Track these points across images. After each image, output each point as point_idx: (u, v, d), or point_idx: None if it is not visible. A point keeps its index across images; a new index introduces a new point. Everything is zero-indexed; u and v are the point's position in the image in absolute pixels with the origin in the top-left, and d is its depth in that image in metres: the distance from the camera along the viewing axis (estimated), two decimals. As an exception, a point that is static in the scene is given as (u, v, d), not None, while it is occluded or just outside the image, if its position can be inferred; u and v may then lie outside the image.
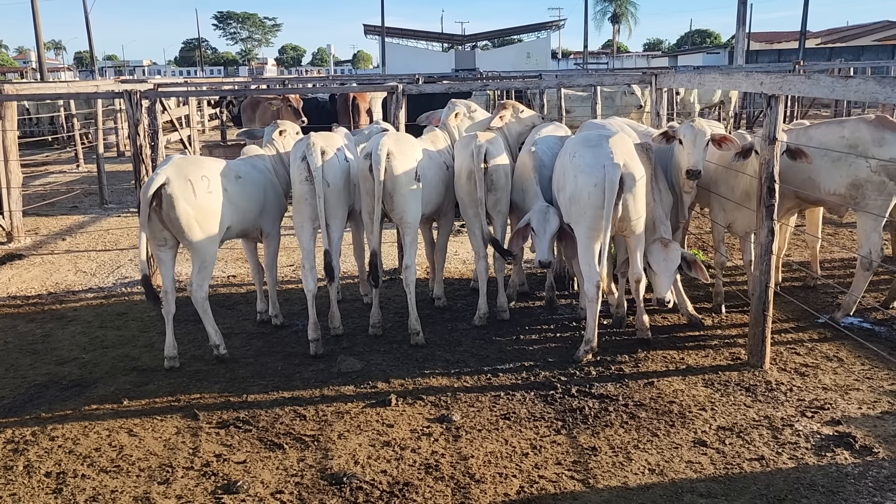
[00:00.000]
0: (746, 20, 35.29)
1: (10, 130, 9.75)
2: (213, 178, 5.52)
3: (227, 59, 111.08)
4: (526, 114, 6.91)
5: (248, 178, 5.90)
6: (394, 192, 5.64)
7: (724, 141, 5.79)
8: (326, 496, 3.90)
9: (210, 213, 5.43)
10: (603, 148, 5.30)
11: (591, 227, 5.31)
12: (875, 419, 4.57)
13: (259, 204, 5.96)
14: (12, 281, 7.98)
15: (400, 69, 42.79)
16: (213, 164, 5.72)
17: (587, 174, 5.26)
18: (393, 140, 5.71)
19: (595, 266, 5.35)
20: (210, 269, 5.59)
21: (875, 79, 4.39)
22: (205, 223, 5.41)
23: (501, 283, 6.42)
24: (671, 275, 5.52)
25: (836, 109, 15.69)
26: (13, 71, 59.66)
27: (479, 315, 6.29)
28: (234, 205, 5.66)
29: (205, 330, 5.68)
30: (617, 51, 78.41)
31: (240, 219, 5.78)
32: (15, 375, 5.50)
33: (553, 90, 14.38)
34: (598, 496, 3.86)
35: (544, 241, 5.64)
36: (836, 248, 8.52)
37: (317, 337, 5.76)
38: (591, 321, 5.48)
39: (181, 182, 5.28)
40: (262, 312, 6.55)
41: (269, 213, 6.09)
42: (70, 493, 3.97)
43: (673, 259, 5.49)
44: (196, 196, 5.33)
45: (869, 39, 50.75)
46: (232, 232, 5.83)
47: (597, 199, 5.21)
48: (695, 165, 5.69)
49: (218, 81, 25.57)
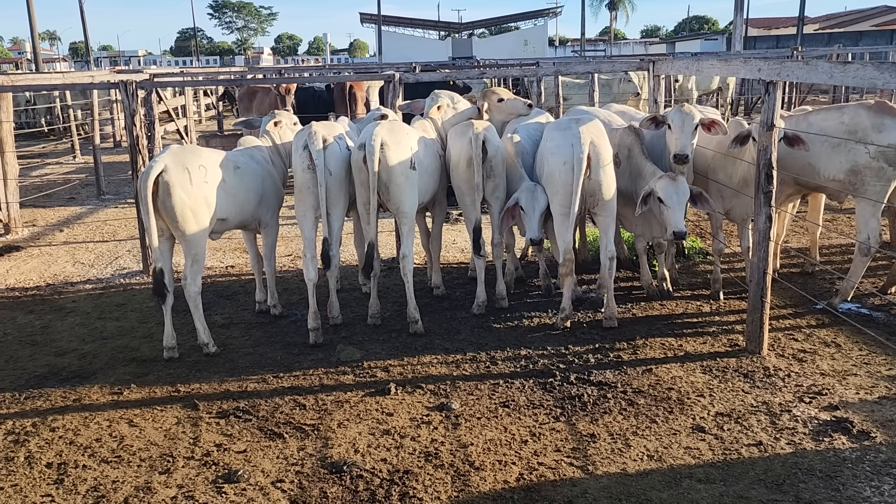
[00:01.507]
0: (744, 6, 35.19)
1: (6, 122, 9.71)
2: (211, 168, 5.50)
3: (223, 48, 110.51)
4: (509, 101, 6.92)
5: (247, 168, 5.88)
6: (389, 183, 5.63)
7: (713, 125, 5.92)
8: (327, 484, 3.92)
9: (205, 203, 5.41)
10: (572, 130, 5.66)
11: (562, 204, 5.66)
12: (872, 404, 4.59)
13: (257, 195, 5.95)
14: (10, 273, 7.97)
15: (397, 58, 42.58)
16: (211, 154, 5.70)
17: (557, 154, 5.65)
18: (387, 130, 5.69)
19: (567, 238, 5.69)
20: (202, 263, 5.56)
21: (873, 64, 4.38)
22: (199, 213, 5.38)
23: (500, 271, 6.43)
24: (683, 206, 5.69)
25: (834, 95, 15.68)
26: (8, 62, 59.33)
27: (477, 304, 6.30)
28: (231, 196, 5.64)
29: (208, 319, 5.67)
30: (614, 38, 78.01)
31: (237, 210, 5.77)
32: (14, 367, 5.51)
33: (550, 78, 14.33)
34: (597, 482, 3.88)
35: (534, 218, 5.83)
36: (834, 233, 8.52)
37: (317, 326, 5.76)
38: (567, 291, 5.86)
39: (178, 170, 5.26)
40: (261, 302, 6.55)
41: (267, 204, 6.08)
42: (71, 483, 3.98)
43: (683, 192, 5.68)
44: (192, 185, 5.31)
45: (867, 25, 50.53)
46: (230, 223, 5.82)
47: (567, 177, 5.56)
48: (682, 149, 5.82)
49: (214, 71, 25.42)
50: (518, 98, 7.18)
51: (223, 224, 5.74)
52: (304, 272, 5.78)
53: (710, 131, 5.96)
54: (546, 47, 60.05)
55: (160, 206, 5.27)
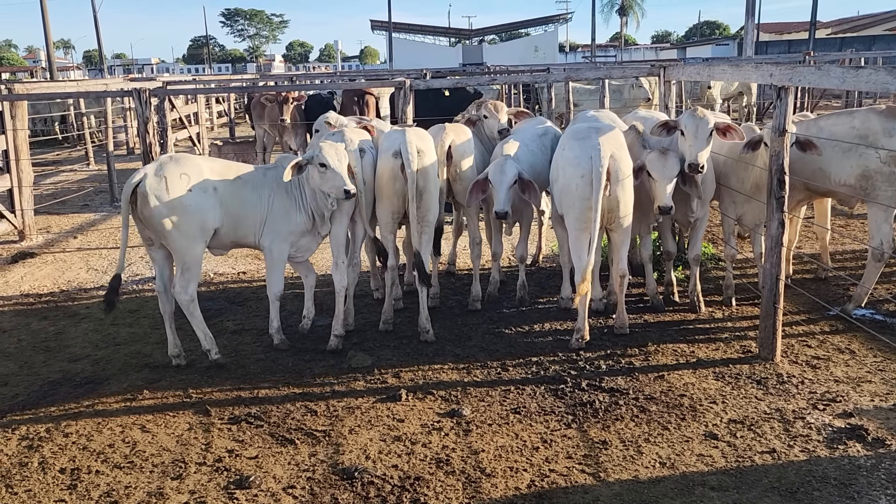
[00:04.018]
0: (755, 11, 35.09)
1: (21, 129, 9.81)
2: (196, 177, 5.26)
3: (235, 56, 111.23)
4: (504, 112, 6.96)
5: (252, 183, 5.52)
6: (424, 191, 5.65)
7: (729, 130, 5.72)
8: (338, 491, 3.92)
9: (187, 212, 5.19)
10: (591, 140, 5.40)
11: (579, 219, 5.40)
12: (887, 411, 4.54)
13: (259, 213, 5.55)
14: (25, 279, 8.04)
15: (407, 64, 42.75)
16: (204, 163, 5.46)
17: (574, 165, 5.38)
18: (417, 137, 5.73)
19: (584, 257, 5.36)
20: (195, 272, 5.36)
21: (886, 69, 4.36)
22: (181, 223, 5.17)
23: (497, 270, 6.64)
24: (671, 181, 5.63)
25: (846, 100, 15.58)
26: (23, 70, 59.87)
27: (471, 299, 6.50)
28: (223, 208, 5.36)
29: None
30: (625, 43, 77.96)
31: (231, 223, 5.44)
32: (29, 373, 5.55)
33: (561, 84, 14.32)
34: (608, 490, 3.86)
35: (501, 191, 5.81)
36: (847, 239, 8.47)
37: (343, 333, 5.80)
38: (582, 310, 5.59)
39: (155, 179, 5.15)
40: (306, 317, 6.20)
41: (271, 228, 5.59)
42: (84, 488, 4.01)
43: (671, 166, 5.62)
44: (169, 194, 5.13)
45: (880, 29, 50.25)
46: (224, 237, 5.52)
47: (584, 191, 5.31)
48: (696, 158, 5.57)
49: (226, 79, 25.65)
50: (514, 109, 7.32)
51: (223, 236, 5.49)
52: (340, 279, 5.75)
53: (725, 136, 5.73)
54: (556, 53, 60.10)
55: (140, 216, 5.22)
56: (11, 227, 9.83)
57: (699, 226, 6.26)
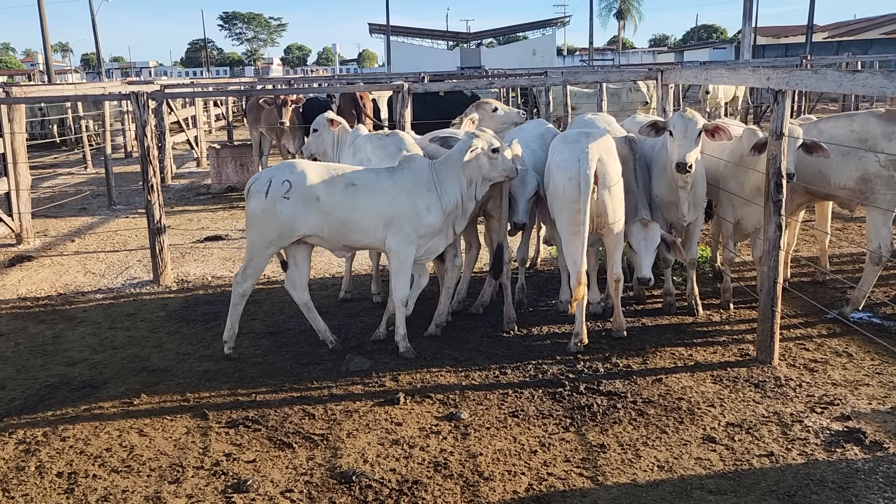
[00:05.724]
0: (753, 14, 35.18)
1: (19, 133, 9.80)
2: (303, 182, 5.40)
3: (233, 59, 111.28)
4: (502, 111, 6.96)
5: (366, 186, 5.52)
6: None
7: (717, 131, 5.68)
8: (336, 495, 3.91)
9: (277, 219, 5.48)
10: (580, 144, 5.43)
11: (569, 222, 5.41)
12: (885, 414, 4.55)
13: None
14: (22, 282, 8.02)
15: (405, 68, 42.78)
16: (313, 168, 5.52)
17: (563, 169, 5.41)
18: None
19: (577, 261, 5.35)
20: (255, 269, 5.66)
21: (883, 73, 4.37)
22: (254, 226, 5.56)
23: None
24: (651, 253, 5.71)
25: (843, 104, 15.63)
26: (21, 73, 59.88)
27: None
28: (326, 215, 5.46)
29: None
30: (622, 47, 78.10)
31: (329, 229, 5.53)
32: (26, 376, 5.54)
33: (559, 87, 14.35)
34: (607, 493, 3.86)
35: (521, 202, 5.90)
36: (845, 242, 8.48)
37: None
38: (579, 314, 5.60)
39: (269, 183, 5.41)
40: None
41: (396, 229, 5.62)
42: (82, 493, 4.00)
43: (653, 238, 5.67)
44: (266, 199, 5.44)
45: (877, 33, 50.34)
46: (326, 242, 5.65)
47: (572, 194, 5.32)
48: (684, 157, 5.49)
49: (224, 82, 25.63)
50: (511, 108, 7.24)
51: (317, 241, 5.62)
52: (453, 275, 5.99)
53: (714, 137, 5.69)
54: (554, 56, 60.22)
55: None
56: (9, 231, 9.81)
57: (693, 230, 6.27)
